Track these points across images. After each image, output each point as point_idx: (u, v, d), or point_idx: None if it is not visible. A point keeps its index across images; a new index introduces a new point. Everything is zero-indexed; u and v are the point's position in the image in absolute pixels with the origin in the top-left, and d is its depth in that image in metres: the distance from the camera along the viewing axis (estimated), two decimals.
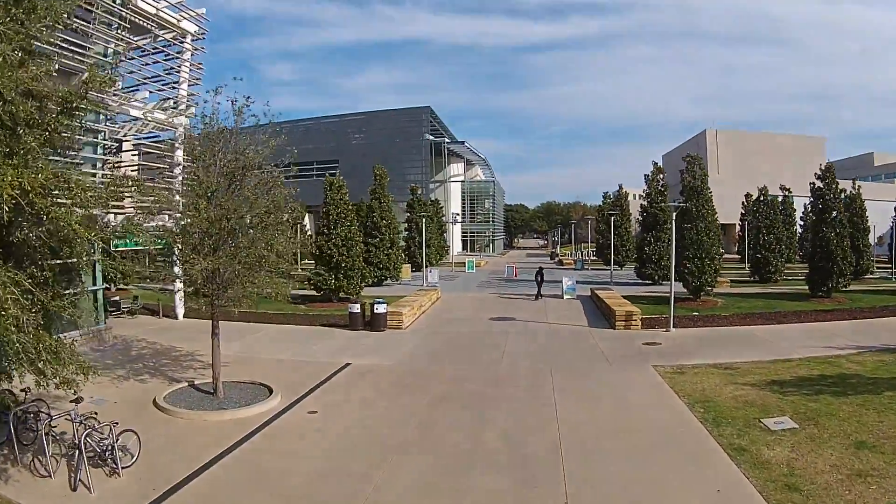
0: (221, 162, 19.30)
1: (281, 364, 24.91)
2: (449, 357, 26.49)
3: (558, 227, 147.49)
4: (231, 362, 23.69)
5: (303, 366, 24.59)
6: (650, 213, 55.37)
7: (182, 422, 17.92)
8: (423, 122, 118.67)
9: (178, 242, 19.31)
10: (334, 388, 21.48)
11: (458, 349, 28.20)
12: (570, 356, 26.24)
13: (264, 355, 26.65)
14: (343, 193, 42.47)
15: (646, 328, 31.95)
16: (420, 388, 21.30)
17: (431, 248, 76.73)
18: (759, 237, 57.18)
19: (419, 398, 20.00)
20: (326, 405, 19.37)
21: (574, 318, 36.13)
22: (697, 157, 41.95)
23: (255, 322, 34.09)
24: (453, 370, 23.77)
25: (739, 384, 20.60)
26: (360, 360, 25.36)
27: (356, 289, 41.73)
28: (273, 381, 21.26)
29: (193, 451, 15.35)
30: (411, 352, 27.38)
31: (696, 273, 39.07)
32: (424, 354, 27.02)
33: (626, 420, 17.60)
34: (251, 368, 23.69)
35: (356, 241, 42.32)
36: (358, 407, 19.20)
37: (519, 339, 29.91)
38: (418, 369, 24.16)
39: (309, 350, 27.69)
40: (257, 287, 19.60)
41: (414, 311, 35.48)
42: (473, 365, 24.80)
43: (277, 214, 20.37)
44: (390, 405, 19.35)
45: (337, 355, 26.39)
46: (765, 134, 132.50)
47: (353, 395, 20.48)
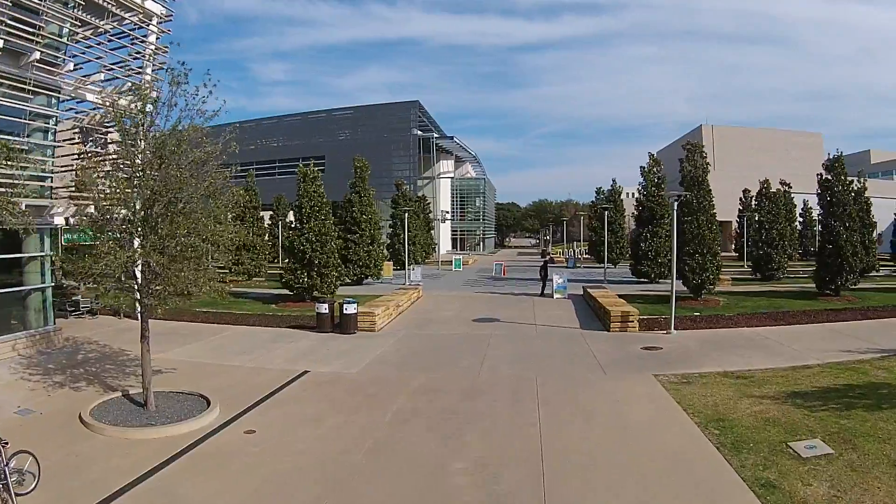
0: (152, 138, 16.63)
1: (232, 371, 22.15)
2: (422, 363, 23.40)
3: (550, 226, 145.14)
4: (179, 368, 22.13)
5: (255, 374, 21.77)
6: (646, 208, 52.43)
7: (102, 439, 15.30)
8: (411, 117, 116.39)
9: (99, 231, 16.88)
10: (283, 402, 18.49)
11: (433, 354, 25.16)
12: (560, 362, 23.14)
13: (218, 360, 23.95)
14: (318, 185, 39.75)
15: (644, 330, 29.04)
16: (383, 401, 18.22)
17: (417, 246, 74.44)
18: (760, 233, 54.51)
19: (379, 415, 16.91)
20: (268, 423, 16.44)
21: (565, 319, 33.05)
22: (698, 144, 38.95)
23: (219, 323, 32.21)
24: (425, 379, 20.64)
25: (756, 397, 17.64)
26: (320, 368, 22.51)
27: (330, 287, 38.94)
28: (216, 391, 18.59)
29: (105, 476, 13.04)
30: (380, 357, 24.31)
31: (698, 270, 36.16)
32: (394, 360, 23.96)
33: (626, 445, 14.48)
34: (198, 376, 21.07)
35: (331, 237, 39.49)
36: (305, 426, 16.21)
37: (503, 342, 26.86)
38: (384, 378, 21.05)
39: (268, 355, 24.85)
40: (182, 283, 16.57)
41: (389, 312, 32.52)
42: (449, 373, 21.71)
43: (216, 199, 17.63)
44: (344, 424, 16.23)
45: (296, 361, 23.57)
46: (760, 130, 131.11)
47: (302, 411, 17.48)
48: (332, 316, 29.74)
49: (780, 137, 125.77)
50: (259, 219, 57.42)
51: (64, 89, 26.98)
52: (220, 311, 35.43)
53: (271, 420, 16.69)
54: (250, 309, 37.19)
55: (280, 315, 34.72)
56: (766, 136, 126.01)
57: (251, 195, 57.06)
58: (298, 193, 39.62)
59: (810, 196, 75.95)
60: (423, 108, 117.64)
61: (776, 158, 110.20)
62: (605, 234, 58.36)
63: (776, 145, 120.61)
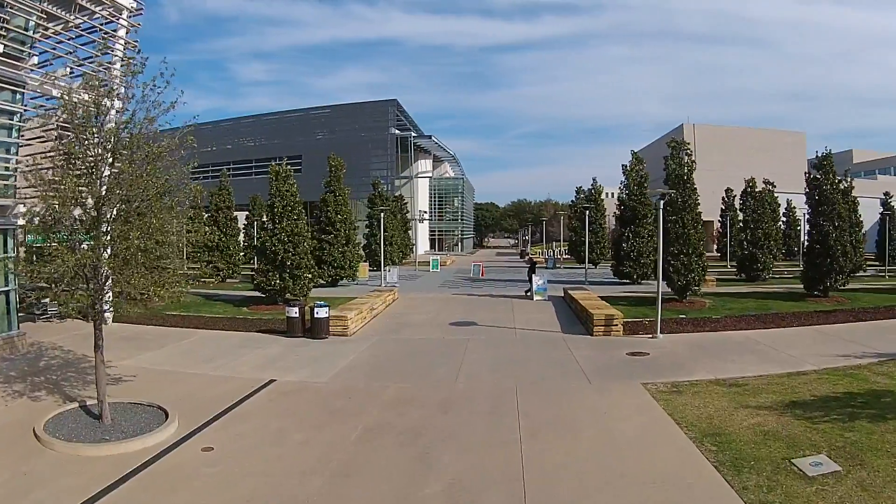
0: (107, 131, 15.22)
1: (196, 380, 20.77)
2: (395, 372, 22.01)
3: (529, 226, 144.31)
4: (140, 376, 20.68)
5: (220, 383, 20.33)
6: (629, 207, 51.19)
7: (54, 456, 14.05)
8: (388, 116, 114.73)
9: (49, 232, 15.50)
10: (246, 415, 17.03)
11: (407, 361, 23.73)
12: (541, 370, 21.77)
13: (182, 368, 22.53)
14: (290, 184, 38.27)
15: (629, 334, 27.76)
16: (351, 414, 16.81)
17: (394, 247, 73.12)
18: (745, 232, 53.66)
19: (347, 430, 15.48)
20: (228, 439, 15.02)
21: (545, 323, 31.73)
22: (683, 142, 37.86)
23: (188, 327, 30.81)
24: (397, 389, 19.24)
25: (753, 408, 16.45)
26: (287, 376, 21.10)
27: (303, 290, 37.52)
28: (177, 402, 17.22)
29: (54, 498, 11.93)
30: (351, 364, 22.86)
31: (683, 271, 35.09)
32: (366, 368, 22.53)
33: (615, 465, 13.13)
34: (160, 385, 19.72)
35: (304, 237, 38.03)
36: (266, 442, 14.80)
37: (481, 347, 25.47)
38: (354, 388, 19.60)
39: (234, 362, 23.41)
40: (134, 288, 15.14)
41: (363, 315, 31.13)
42: (423, 382, 20.29)
43: (172, 197, 16.34)
44: (308, 441, 14.83)
45: (263, 369, 22.15)
46: (743, 129, 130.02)
47: (265, 426, 16.04)
48: (302, 320, 28.38)
49: (763, 136, 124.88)
50: (232, 219, 55.90)
51: (29, 84, 25.72)
52: (190, 314, 34.17)
53: (231, 436, 15.29)
54: (221, 312, 35.82)
55: (251, 318, 33.36)
56: (749, 135, 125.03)
57: (224, 195, 55.73)
58: (270, 192, 38.27)
59: (794, 195, 75.64)
60: (400, 106, 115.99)
61: (759, 157, 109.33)
62: (585, 234, 57.10)
63: (759, 144, 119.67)
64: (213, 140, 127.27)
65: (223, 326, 31.20)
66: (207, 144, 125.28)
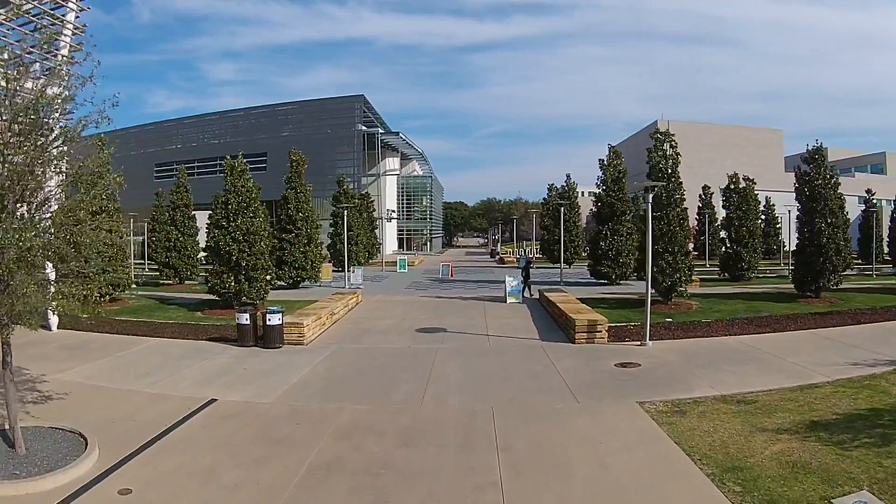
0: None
1: (129, 399, 17.97)
2: (352, 389, 19.13)
3: (499, 224, 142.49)
4: (72, 393, 18.13)
5: (155, 402, 17.61)
6: (606, 203, 48.47)
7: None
8: (356, 112, 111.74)
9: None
10: (176, 445, 14.20)
11: (367, 376, 20.81)
12: (521, 387, 18.96)
13: (117, 383, 19.76)
14: (246, 179, 35.58)
15: (614, 341, 25.30)
16: (297, 446, 13.99)
17: (359, 246, 70.46)
18: (729, 230, 51.80)
19: (290, 468, 12.64)
20: (151, 478, 12.25)
21: (521, 329, 29.07)
22: (668, 133, 35.64)
23: (135, 334, 28.16)
24: (353, 413, 16.41)
25: (771, 431, 14.02)
26: (231, 395, 18.27)
27: (261, 293, 34.83)
28: (102, 427, 14.73)
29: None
30: (303, 381, 19.98)
31: (668, 271, 32.98)
32: (320, 384, 19.66)
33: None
34: (89, 405, 17.12)
35: (260, 236, 35.21)
36: (194, 483, 12.02)
37: (451, 359, 22.73)
38: (304, 411, 16.73)
39: (175, 377, 20.59)
40: (22, 299, 12.41)
41: (322, 321, 28.33)
42: (384, 403, 17.45)
43: (87, 189, 13.58)
44: (242, 483, 11.97)
45: (205, 385, 19.37)
46: (719, 126, 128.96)
47: (195, 461, 13.19)
48: (254, 327, 25.53)
49: (739, 134, 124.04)
50: (191, 217, 52.89)
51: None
52: (142, 319, 31.96)
53: (155, 474, 12.48)
54: (174, 317, 33.19)
55: (202, 325, 30.55)
56: (725, 133, 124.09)
57: (182, 192, 52.80)
58: (225, 188, 35.52)
59: (773, 193, 74.19)
60: (368, 102, 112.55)
61: (735, 155, 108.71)
62: (560, 232, 54.57)
63: (735, 141, 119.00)
64: (175, 137, 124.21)
65: (173, 333, 28.52)
66: (171, 142, 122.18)
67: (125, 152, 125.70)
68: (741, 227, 51.28)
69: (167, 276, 51.25)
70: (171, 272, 50.84)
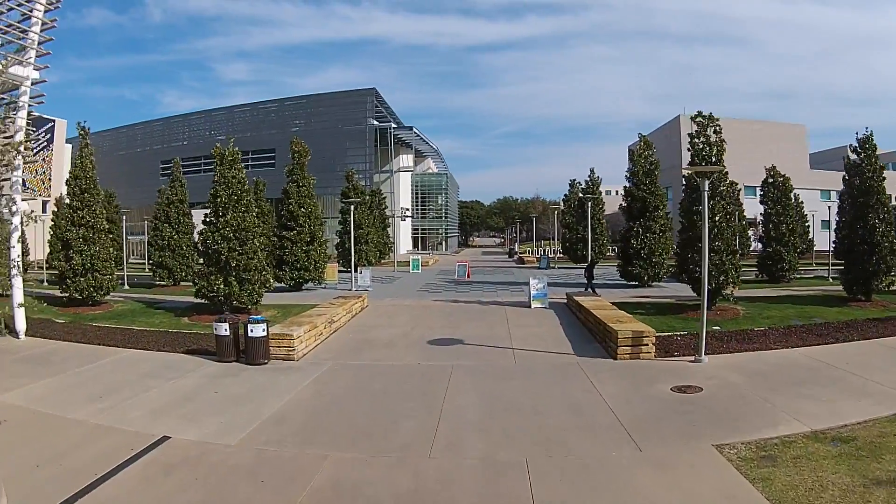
0: None
1: (69, 432, 14.50)
2: (342, 425, 14.95)
3: (517, 223, 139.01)
4: (9, 420, 15.19)
5: (96, 438, 14.08)
6: (637, 198, 44.24)
7: None
8: (367, 106, 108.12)
9: None
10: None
11: (363, 405, 16.58)
12: (559, 423, 14.76)
13: (62, 409, 16.31)
14: (238, 170, 31.92)
15: (661, 355, 21.26)
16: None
17: (370, 245, 66.66)
18: (768, 227, 47.56)
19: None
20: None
21: (551, 340, 24.81)
22: (712, 116, 31.53)
23: (109, 344, 25.00)
24: (338, 465, 12.32)
25: (887, 483, 10.44)
26: (188, 431, 14.44)
27: (253, 296, 31.19)
28: (20, 474, 11.70)
29: None
30: (282, 412, 15.90)
31: (714, 272, 28.65)
32: (302, 418, 15.51)
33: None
34: (21, 438, 14.19)
35: (253, 233, 31.52)
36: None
37: (468, 382, 18.52)
38: (275, 460, 12.67)
39: (132, 401, 16.93)
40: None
41: (318, 331, 24.36)
42: (381, 448, 13.32)
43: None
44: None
45: (163, 416, 15.63)
46: (742, 121, 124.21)
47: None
48: (235, 339, 21.68)
49: (761, 129, 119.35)
50: (186, 214, 49.09)
51: None
52: (121, 325, 29.08)
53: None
54: (156, 323, 29.82)
55: (185, 333, 26.88)
56: (747, 128, 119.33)
57: (177, 186, 49.10)
58: (214, 180, 31.78)
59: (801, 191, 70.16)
60: (380, 96, 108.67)
61: (758, 150, 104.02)
62: (588, 229, 50.61)
63: (757, 136, 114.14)
64: (182, 133, 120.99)
65: (148, 343, 24.97)
66: (178, 138, 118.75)
67: (131, 149, 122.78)
68: (780, 225, 47.12)
69: (160, 277, 47.59)
70: (164, 273, 47.08)
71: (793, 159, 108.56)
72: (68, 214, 34.82)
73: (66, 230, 34.88)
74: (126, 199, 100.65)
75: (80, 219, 34.22)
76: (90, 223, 34.31)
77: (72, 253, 33.90)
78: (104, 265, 34.58)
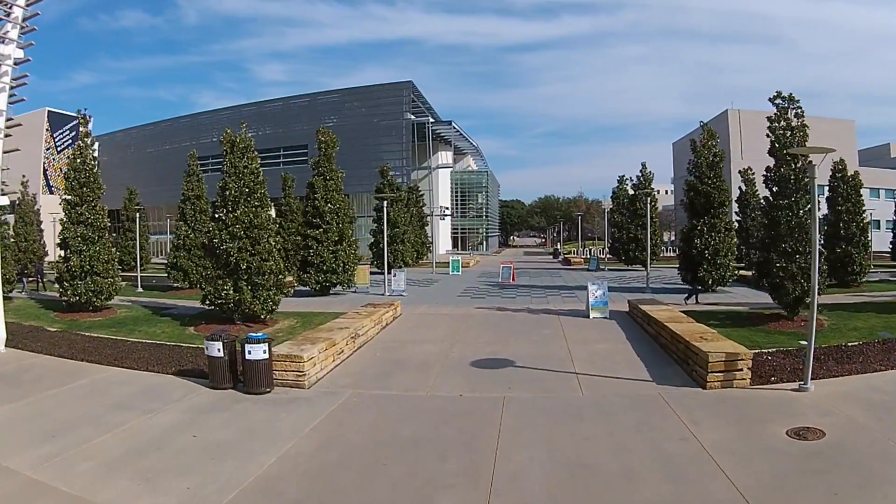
0: None
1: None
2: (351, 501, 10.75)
3: (560, 222, 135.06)
4: None
5: (23, 501, 10.56)
6: (701, 192, 39.28)
7: None
8: (403, 100, 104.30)
9: None
10: None
11: (387, 467, 12.01)
12: (657, 497, 10.40)
13: (2, 452, 12.69)
14: (250, 159, 27.89)
15: (757, 381, 17.01)
16: None
17: (406, 245, 62.58)
18: (837, 227, 42.88)
19: None
20: None
21: (620, 361, 20.34)
22: (792, 97, 27.69)
23: (93, 360, 21.35)
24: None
25: None
26: (141, 501, 10.54)
27: (267, 304, 27.14)
28: None
29: None
30: (274, 475, 11.56)
31: (800, 277, 24.80)
32: (301, 488, 11.13)
33: None
34: None
35: (267, 230, 27.62)
36: None
37: (526, 425, 14.10)
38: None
39: (86, 447, 13.06)
40: None
41: (337, 349, 20.22)
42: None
43: None
44: None
45: (114, 474, 11.66)
46: None
47: None
48: (232, 361, 17.55)
49: (810, 125, 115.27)
50: (202, 211, 45.35)
51: None
52: (114, 336, 25.72)
53: None
54: (157, 333, 26.31)
55: (185, 347, 22.94)
56: None
57: (193, 182, 45.45)
58: (223, 170, 27.85)
59: None
60: (417, 89, 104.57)
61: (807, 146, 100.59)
62: (647, 226, 46.13)
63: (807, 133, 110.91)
64: (211, 130, 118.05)
65: (138, 360, 21.21)
66: (207, 135, 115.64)
67: (160, 146, 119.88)
68: (850, 224, 42.86)
69: (175, 279, 43.95)
70: (179, 274, 43.35)
71: (842, 156, 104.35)
72: (66, 211, 31.77)
73: (64, 228, 31.86)
74: (155, 198, 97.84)
75: (78, 216, 31.27)
76: (90, 221, 31.31)
77: (69, 253, 30.94)
78: (105, 267, 31.42)
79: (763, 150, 28.25)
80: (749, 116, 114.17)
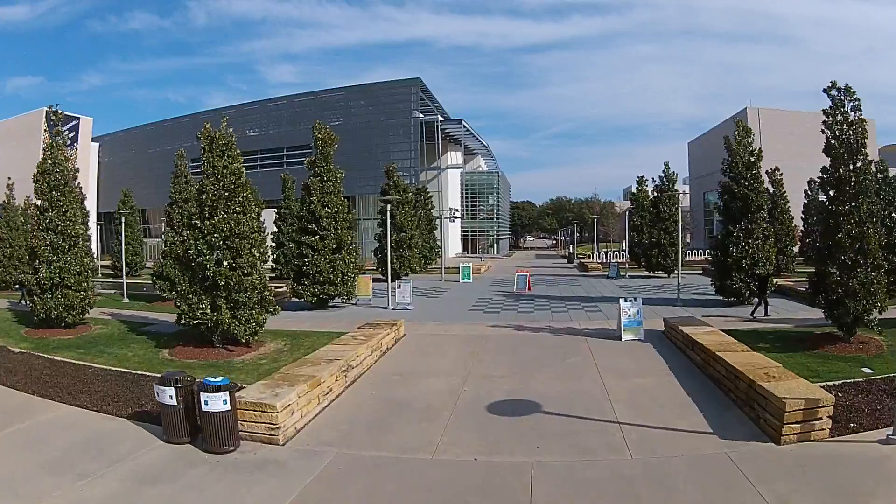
0: None
1: None
2: None
3: (573, 224, 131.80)
4: None
5: None
6: (738, 195, 35.61)
7: None
8: (411, 98, 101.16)
9: None
10: None
11: None
12: None
13: None
14: (231, 158, 24.15)
15: (836, 429, 13.72)
16: None
17: (413, 251, 59.10)
18: (889, 234, 38.91)
19: None
20: None
21: (668, 403, 16.60)
22: (848, 87, 23.71)
23: (46, 395, 18.29)
24: None
25: None
26: None
27: (250, 325, 23.60)
28: None
29: None
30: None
31: (861, 293, 21.31)
32: None
33: None
34: None
35: (250, 240, 24.12)
36: None
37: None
38: None
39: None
40: None
41: (323, 389, 16.75)
42: None
43: None
44: None
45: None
46: (810, 114, 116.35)
47: None
48: (189, 409, 14.06)
49: None
50: None
51: None
52: (82, 359, 22.88)
53: None
54: (127, 356, 23.27)
55: (149, 377, 19.13)
56: (816, 121, 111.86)
57: (181, 183, 42.08)
58: (202, 170, 24.25)
59: None
60: (425, 87, 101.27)
61: None
62: (676, 232, 42.65)
63: None
64: None
65: (94, 396, 18.14)
66: None
67: (160, 146, 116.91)
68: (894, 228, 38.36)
69: (161, 290, 40.56)
70: (165, 284, 39.94)
71: None
72: (35, 217, 28.96)
73: (31, 236, 28.93)
74: (156, 199, 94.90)
75: (47, 222, 27.99)
76: (60, 228, 28.10)
77: (38, 264, 27.86)
78: (77, 279, 28.36)
79: (785, 151, 25.68)
80: (768, 114, 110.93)
